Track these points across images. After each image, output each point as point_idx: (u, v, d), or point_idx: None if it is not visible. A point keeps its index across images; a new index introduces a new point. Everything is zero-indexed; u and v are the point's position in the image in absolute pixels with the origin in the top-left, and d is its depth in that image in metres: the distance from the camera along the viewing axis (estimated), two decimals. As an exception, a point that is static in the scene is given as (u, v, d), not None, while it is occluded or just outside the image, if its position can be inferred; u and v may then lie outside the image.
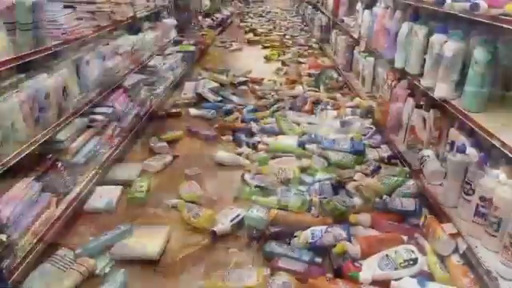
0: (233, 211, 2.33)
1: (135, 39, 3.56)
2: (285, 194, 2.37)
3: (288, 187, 2.47)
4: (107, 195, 2.51)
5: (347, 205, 2.21)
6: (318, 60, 5.83)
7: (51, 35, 2.22)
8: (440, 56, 2.16)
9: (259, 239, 2.15)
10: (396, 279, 1.76)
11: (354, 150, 2.85)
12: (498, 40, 1.97)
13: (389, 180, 2.45)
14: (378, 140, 3.13)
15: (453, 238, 1.89)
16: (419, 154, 2.42)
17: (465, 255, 1.84)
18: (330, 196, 2.35)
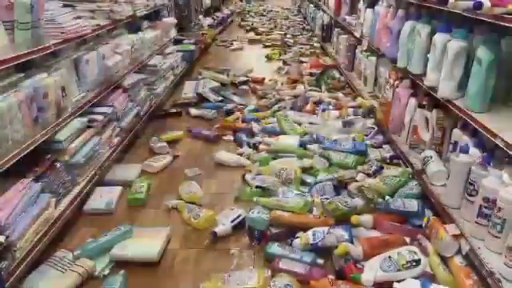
0: (233, 212, 2.32)
1: (135, 38, 3.55)
2: (286, 195, 2.37)
3: (289, 188, 2.46)
4: (107, 196, 2.51)
5: (349, 205, 2.19)
6: (320, 59, 5.80)
7: (50, 34, 2.21)
8: (443, 55, 2.14)
9: (260, 240, 2.14)
10: (398, 281, 1.74)
11: (356, 151, 2.83)
12: (502, 39, 1.95)
13: (391, 180, 2.43)
14: (380, 140, 3.12)
15: (456, 239, 1.88)
16: (422, 155, 2.41)
17: (468, 256, 1.82)
18: (332, 197, 2.35)
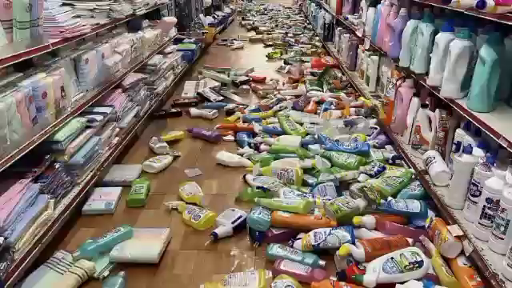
0: (234, 213, 2.31)
1: (135, 37, 3.53)
2: (287, 196, 2.35)
3: (291, 188, 2.45)
4: (106, 196, 2.50)
5: (351, 206, 2.17)
6: (322, 59, 5.78)
7: (49, 33, 2.20)
8: (446, 55, 2.13)
9: (261, 241, 2.13)
10: (401, 282, 1.74)
11: (358, 151, 2.81)
12: (506, 38, 1.94)
13: (393, 181, 2.41)
14: (383, 140, 3.10)
15: (459, 241, 1.87)
16: (425, 155, 2.39)
17: (471, 258, 1.81)
18: (334, 197, 2.34)
